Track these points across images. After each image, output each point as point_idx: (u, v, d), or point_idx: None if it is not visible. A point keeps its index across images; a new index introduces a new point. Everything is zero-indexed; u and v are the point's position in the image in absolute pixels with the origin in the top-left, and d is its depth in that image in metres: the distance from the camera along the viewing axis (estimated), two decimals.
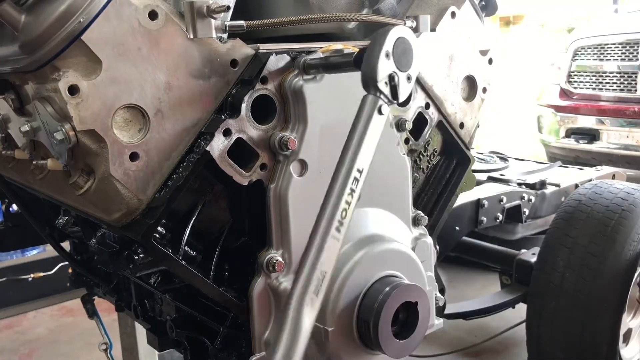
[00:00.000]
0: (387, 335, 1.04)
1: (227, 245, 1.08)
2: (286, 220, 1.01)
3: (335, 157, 1.05)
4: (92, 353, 3.10)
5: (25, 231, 1.80)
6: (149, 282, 1.19)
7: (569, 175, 3.19)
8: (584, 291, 2.12)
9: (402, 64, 0.87)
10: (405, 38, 0.85)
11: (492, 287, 3.50)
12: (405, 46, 0.85)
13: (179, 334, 1.19)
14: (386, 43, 0.84)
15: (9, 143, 1.11)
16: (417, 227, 1.22)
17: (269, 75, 0.99)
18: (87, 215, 1.03)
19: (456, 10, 1.22)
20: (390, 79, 0.87)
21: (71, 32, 0.82)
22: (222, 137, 0.96)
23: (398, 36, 0.84)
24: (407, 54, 0.86)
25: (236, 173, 0.99)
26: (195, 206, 1.04)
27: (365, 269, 1.06)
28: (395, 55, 0.86)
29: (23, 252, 4.02)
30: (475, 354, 3.21)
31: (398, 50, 0.86)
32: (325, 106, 1.02)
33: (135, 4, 0.86)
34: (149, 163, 0.91)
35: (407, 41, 0.85)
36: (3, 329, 3.69)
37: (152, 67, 0.88)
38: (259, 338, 1.04)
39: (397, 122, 1.14)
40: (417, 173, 1.31)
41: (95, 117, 0.85)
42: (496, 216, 2.65)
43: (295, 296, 0.86)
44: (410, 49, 0.86)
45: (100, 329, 1.82)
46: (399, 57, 0.87)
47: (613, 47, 4.59)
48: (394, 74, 0.87)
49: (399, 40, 0.86)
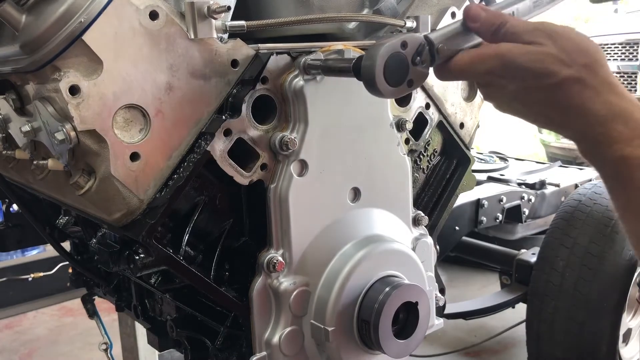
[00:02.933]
0: (388, 335, 1.04)
1: (227, 245, 1.08)
2: (287, 220, 1.01)
3: (335, 157, 1.05)
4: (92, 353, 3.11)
5: (25, 231, 1.80)
6: (150, 282, 1.19)
7: (569, 175, 3.19)
8: (583, 291, 2.12)
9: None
10: (401, 52, 0.85)
11: (492, 287, 3.50)
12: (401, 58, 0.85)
13: (179, 334, 1.19)
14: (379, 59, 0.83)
15: (9, 143, 1.11)
16: (417, 227, 1.23)
17: (269, 76, 0.99)
18: (88, 215, 1.03)
19: (456, 10, 1.22)
20: None
21: (72, 32, 0.82)
22: (222, 137, 0.96)
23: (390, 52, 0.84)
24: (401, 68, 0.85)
25: (237, 173, 0.99)
26: (196, 206, 1.04)
27: (365, 269, 1.06)
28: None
29: (23, 252, 4.03)
30: (475, 354, 3.21)
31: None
32: (325, 106, 1.02)
33: (136, 5, 0.86)
34: (150, 163, 0.91)
35: (402, 55, 0.85)
36: (3, 329, 3.69)
37: (153, 68, 0.89)
38: (259, 338, 1.04)
39: (397, 123, 1.14)
40: (417, 173, 1.31)
41: (96, 117, 0.85)
42: (496, 216, 2.66)
43: None
44: (405, 61, 0.85)
45: (100, 329, 1.82)
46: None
47: (613, 47, 4.59)
48: None
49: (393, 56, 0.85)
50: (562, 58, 0.79)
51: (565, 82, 0.78)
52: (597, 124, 0.77)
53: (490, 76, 0.84)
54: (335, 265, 1.06)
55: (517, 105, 0.86)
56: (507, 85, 0.83)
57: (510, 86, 0.82)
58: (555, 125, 0.84)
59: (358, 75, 0.86)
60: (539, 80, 0.79)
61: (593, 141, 0.79)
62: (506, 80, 0.82)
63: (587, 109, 0.78)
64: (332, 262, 1.06)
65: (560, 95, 0.79)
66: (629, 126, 0.76)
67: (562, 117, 0.81)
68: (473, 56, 0.85)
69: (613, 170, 0.78)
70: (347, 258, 1.06)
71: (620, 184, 0.78)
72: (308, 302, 1.05)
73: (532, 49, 0.80)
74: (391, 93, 0.85)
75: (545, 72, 0.79)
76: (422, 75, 0.88)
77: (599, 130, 0.77)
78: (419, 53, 0.86)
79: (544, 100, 0.81)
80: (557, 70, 0.78)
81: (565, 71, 0.78)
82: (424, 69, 0.87)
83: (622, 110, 0.77)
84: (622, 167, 0.76)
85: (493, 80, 0.84)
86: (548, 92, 0.80)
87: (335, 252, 1.07)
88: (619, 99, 0.78)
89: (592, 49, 0.80)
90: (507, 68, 0.81)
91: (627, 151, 0.75)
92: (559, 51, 0.79)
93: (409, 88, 0.86)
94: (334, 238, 1.07)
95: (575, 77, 0.78)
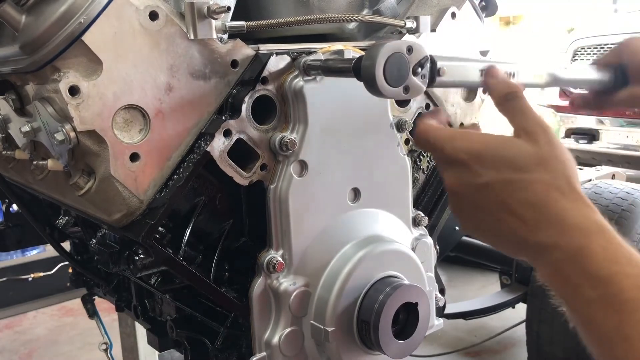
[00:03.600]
0: (388, 335, 1.04)
1: (227, 245, 1.08)
2: (286, 221, 1.01)
3: (335, 158, 1.05)
4: (92, 353, 3.11)
5: (25, 231, 1.80)
6: (149, 283, 1.19)
7: None
8: None
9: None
10: (404, 56, 0.84)
11: (492, 287, 3.51)
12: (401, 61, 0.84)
13: (179, 334, 1.19)
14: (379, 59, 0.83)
15: (9, 143, 1.11)
16: (417, 228, 1.23)
17: (269, 76, 0.99)
18: (88, 215, 1.03)
19: (456, 10, 1.22)
20: None
21: (72, 32, 0.82)
22: (222, 138, 0.96)
23: (391, 52, 0.83)
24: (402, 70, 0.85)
25: (236, 174, 0.99)
26: (196, 207, 1.04)
27: (365, 270, 1.06)
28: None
29: (23, 252, 4.03)
30: (475, 354, 3.22)
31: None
32: (325, 107, 1.02)
33: (136, 5, 0.86)
34: (150, 163, 0.91)
35: (405, 58, 0.84)
36: (3, 329, 3.69)
37: (152, 68, 0.88)
38: (259, 338, 1.04)
39: (397, 123, 1.14)
40: (418, 173, 1.31)
41: (96, 117, 0.85)
42: None
43: None
44: (405, 63, 0.85)
45: (100, 329, 1.82)
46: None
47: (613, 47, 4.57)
48: None
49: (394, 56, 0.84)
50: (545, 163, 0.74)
51: (540, 184, 0.73)
52: (580, 235, 0.70)
53: (467, 157, 0.76)
54: (335, 265, 1.06)
55: (483, 199, 0.76)
56: (483, 174, 0.75)
57: (485, 176, 0.75)
58: (526, 229, 0.73)
59: (358, 76, 0.86)
60: (517, 173, 0.73)
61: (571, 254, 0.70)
62: (485, 169, 0.75)
63: (566, 217, 0.71)
64: (332, 262, 1.06)
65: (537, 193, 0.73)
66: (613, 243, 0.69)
67: (536, 215, 0.73)
68: (460, 131, 0.83)
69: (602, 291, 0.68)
70: (347, 258, 1.06)
71: (609, 305, 0.67)
72: (308, 302, 1.05)
73: (522, 143, 0.75)
74: (392, 93, 0.84)
75: (525, 167, 0.73)
76: (418, 88, 0.86)
77: (580, 243, 0.69)
78: (421, 65, 0.85)
79: (521, 194, 0.73)
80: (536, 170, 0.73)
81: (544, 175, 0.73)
82: (421, 83, 0.86)
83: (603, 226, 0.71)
84: (611, 287, 0.66)
85: (468, 163, 0.76)
86: (527, 187, 0.73)
87: (335, 252, 1.07)
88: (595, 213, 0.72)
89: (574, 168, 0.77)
90: (493, 156, 0.75)
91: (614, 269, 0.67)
92: (548, 156, 0.74)
93: (404, 93, 0.85)
94: (333, 238, 1.07)
95: (554, 184, 0.73)
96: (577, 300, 0.69)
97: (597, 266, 0.68)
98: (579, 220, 0.71)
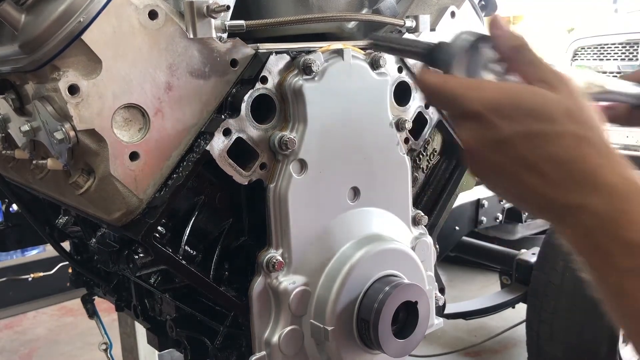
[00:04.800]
0: (387, 334, 1.04)
1: (227, 244, 1.08)
2: (286, 220, 1.01)
3: (335, 157, 1.05)
4: (92, 353, 3.10)
5: (25, 231, 1.80)
6: (149, 282, 1.19)
7: None
8: (583, 291, 2.12)
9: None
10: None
11: (492, 287, 3.51)
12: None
13: (179, 334, 1.19)
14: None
15: (9, 143, 1.11)
16: (416, 227, 1.22)
17: (268, 75, 0.99)
18: (87, 214, 1.03)
19: (456, 10, 1.22)
20: None
21: (71, 31, 0.82)
22: (222, 137, 0.96)
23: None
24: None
25: (236, 173, 0.99)
26: (195, 206, 1.04)
27: (365, 269, 1.06)
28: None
29: (23, 252, 4.03)
30: (475, 354, 3.22)
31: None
32: (325, 106, 1.02)
33: (135, 4, 0.86)
34: (149, 162, 0.91)
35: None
36: (3, 329, 3.69)
37: (152, 67, 0.89)
38: (258, 337, 1.04)
39: (397, 122, 1.14)
40: (417, 173, 1.31)
41: (95, 116, 0.85)
42: (496, 216, 2.66)
43: None
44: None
45: (100, 329, 1.82)
46: None
47: (613, 47, 4.59)
48: None
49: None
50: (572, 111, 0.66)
51: (570, 137, 0.65)
52: (616, 197, 0.62)
53: (483, 108, 0.68)
54: (334, 264, 1.06)
55: (503, 156, 0.68)
56: (503, 127, 0.66)
57: (505, 129, 0.66)
58: (552, 189, 0.65)
59: (433, 63, 0.78)
60: (542, 124, 0.65)
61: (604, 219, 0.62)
62: (505, 121, 0.66)
63: (599, 175, 0.63)
64: (332, 261, 1.06)
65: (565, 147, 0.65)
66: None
67: (565, 174, 0.65)
68: (475, 80, 0.72)
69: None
70: (347, 257, 1.06)
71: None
72: (307, 301, 1.05)
73: (545, 92, 0.67)
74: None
75: (550, 118, 0.65)
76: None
77: (616, 206, 0.61)
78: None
79: (548, 149, 0.65)
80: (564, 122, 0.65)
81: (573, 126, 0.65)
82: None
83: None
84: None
85: (485, 115, 0.68)
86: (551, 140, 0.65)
87: (334, 251, 1.07)
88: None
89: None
90: (512, 106, 0.67)
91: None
92: (575, 107, 0.66)
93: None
94: (333, 237, 1.07)
95: (583, 135, 0.65)
96: (608, 270, 0.63)
97: (636, 234, 0.60)
98: (616, 180, 0.62)
